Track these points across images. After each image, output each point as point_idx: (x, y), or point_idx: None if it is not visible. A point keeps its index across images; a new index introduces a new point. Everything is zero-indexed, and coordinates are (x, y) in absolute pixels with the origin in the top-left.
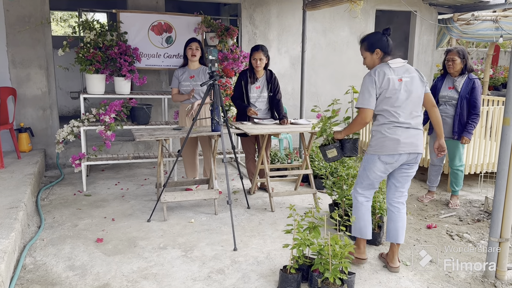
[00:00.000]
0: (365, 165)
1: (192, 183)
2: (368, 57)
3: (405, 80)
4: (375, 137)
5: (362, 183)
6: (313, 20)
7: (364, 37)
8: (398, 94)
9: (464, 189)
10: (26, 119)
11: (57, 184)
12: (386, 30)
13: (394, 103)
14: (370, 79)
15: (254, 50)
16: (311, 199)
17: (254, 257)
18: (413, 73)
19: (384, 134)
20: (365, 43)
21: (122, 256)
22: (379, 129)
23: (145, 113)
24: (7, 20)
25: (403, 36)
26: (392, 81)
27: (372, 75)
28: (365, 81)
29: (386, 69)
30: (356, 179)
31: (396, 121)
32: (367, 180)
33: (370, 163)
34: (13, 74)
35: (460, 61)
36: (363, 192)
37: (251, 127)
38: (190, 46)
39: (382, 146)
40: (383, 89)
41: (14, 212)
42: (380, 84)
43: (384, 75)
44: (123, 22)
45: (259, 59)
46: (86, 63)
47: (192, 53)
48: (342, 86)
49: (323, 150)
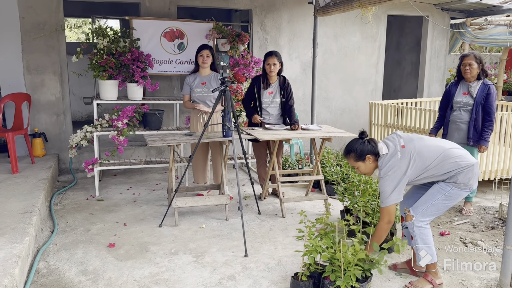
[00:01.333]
0: (449, 196)
1: (203, 188)
2: (362, 166)
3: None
4: (463, 173)
5: (436, 213)
6: (324, 25)
7: (347, 150)
8: (413, 159)
9: (478, 196)
10: (40, 124)
11: (70, 189)
12: (362, 133)
13: (421, 163)
14: (394, 171)
15: (268, 55)
16: (322, 205)
17: (265, 264)
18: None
19: (470, 168)
20: (352, 155)
21: (134, 261)
22: (460, 171)
23: (157, 118)
24: (23, 27)
25: (415, 41)
26: (402, 150)
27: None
28: (385, 180)
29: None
30: (426, 209)
31: (444, 171)
32: (444, 210)
33: (458, 197)
34: (28, 80)
35: (477, 66)
36: (428, 219)
37: (262, 133)
38: (201, 54)
39: (475, 177)
40: (408, 167)
41: (28, 217)
42: (402, 166)
43: (399, 155)
44: (136, 29)
45: (272, 64)
46: (99, 69)
47: (203, 61)
48: (353, 91)
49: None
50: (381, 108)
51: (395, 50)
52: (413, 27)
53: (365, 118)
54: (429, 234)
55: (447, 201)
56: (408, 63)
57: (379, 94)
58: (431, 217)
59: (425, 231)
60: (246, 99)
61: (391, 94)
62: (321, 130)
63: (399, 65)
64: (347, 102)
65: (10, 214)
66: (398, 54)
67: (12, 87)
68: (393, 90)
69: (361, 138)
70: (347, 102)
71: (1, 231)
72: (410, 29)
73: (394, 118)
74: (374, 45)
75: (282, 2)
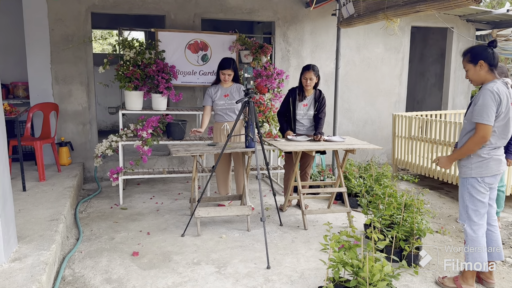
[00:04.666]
0: (470, 191)
1: (225, 198)
2: (471, 70)
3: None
4: (474, 159)
5: (478, 211)
6: (346, 37)
7: (467, 49)
8: (508, 118)
9: (505, 211)
10: (66, 133)
11: (95, 197)
12: (491, 42)
13: (503, 128)
14: (494, 97)
15: (305, 69)
16: (344, 217)
17: (287, 276)
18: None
19: (487, 155)
20: (468, 55)
21: (157, 270)
22: (480, 152)
23: (180, 128)
24: (52, 39)
25: (439, 53)
26: (509, 106)
27: (495, 94)
28: (487, 97)
29: (506, 90)
30: (464, 212)
31: (501, 145)
32: (482, 205)
33: (476, 187)
34: (55, 90)
35: None
36: (481, 221)
37: (284, 144)
38: (223, 72)
39: (487, 168)
40: (502, 112)
41: (55, 224)
42: (502, 107)
43: (506, 99)
44: (161, 41)
45: (309, 79)
46: (125, 80)
47: (225, 79)
48: (376, 102)
49: None
50: (405, 120)
51: (419, 61)
52: (437, 39)
53: (388, 130)
54: (481, 240)
55: (473, 196)
56: (432, 74)
57: (402, 106)
58: (480, 218)
59: (477, 238)
60: (282, 111)
61: (415, 106)
62: (345, 142)
63: (422, 76)
64: (370, 114)
65: (38, 221)
66: (421, 65)
67: (40, 97)
68: (417, 102)
69: (489, 44)
70: (369, 114)
71: (29, 238)
72: (434, 40)
73: (418, 130)
74: (398, 56)
75: (305, 14)
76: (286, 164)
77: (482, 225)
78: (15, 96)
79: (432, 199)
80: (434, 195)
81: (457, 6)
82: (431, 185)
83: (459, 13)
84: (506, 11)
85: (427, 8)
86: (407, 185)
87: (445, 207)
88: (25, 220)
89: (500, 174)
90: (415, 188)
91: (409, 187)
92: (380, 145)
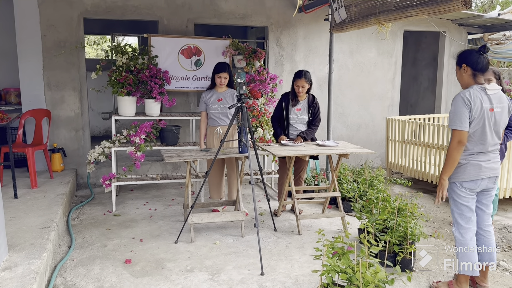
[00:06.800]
0: (452, 195)
1: (219, 204)
2: (457, 72)
3: (496, 111)
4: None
5: (463, 215)
6: (339, 41)
7: (458, 52)
8: (486, 124)
9: (499, 214)
10: (59, 139)
11: (88, 204)
12: (482, 47)
13: (480, 133)
14: (464, 102)
15: (297, 77)
16: (339, 222)
17: (281, 282)
18: (504, 103)
19: (464, 160)
20: (456, 58)
21: (150, 278)
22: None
23: (173, 134)
24: (44, 45)
25: (432, 56)
26: (485, 111)
27: (466, 101)
28: (458, 103)
29: (482, 96)
30: (452, 216)
31: (479, 150)
32: (466, 209)
33: (456, 191)
34: (48, 96)
35: (495, 82)
36: (468, 224)
37: (278, 149)
38: (219, 76)
39: (464, 173)
40: (474, 118)
41: (46, 232)
42: (473, 112)
43: (480, 104)
44: (154, 46)
45: (301, 86)
46: (118, 86)
47: (221, 82)
48: (369, 106)
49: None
50: (398, 124)
51: (412, 65)
52: (429, 43)
53: (381, 134)
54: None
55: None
56: (425, 78)
57: (395, 110)
58: (466, 222)
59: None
60: (276, 115)
61: (408, 109)
62: (338, 146)
63: (415, 80)
64: (363, 118)
65: (29, 229)
66: (414, 69)
67: (32, 103)
68: (410, 106)
69: (479, 50)
70: (363, 118)
71: (20, 246)
72: (427, 44)
73: (411, 134)
74: (391, 60)
75: (298, 19)
76: (280, 169)
77: (470, 229)
78: (7, 102)
79: (425, 203)
80: (427, 198)
81: (447, 11)
82: (425, 189)
83: (451, 17)
84: (497, 15)
85: (418, 13)
86: (401, 188)
87: (438, 211)
88: (16, 228)
89: (480, 179)
90: (408, 192)
91: (403, 190)
92: (374, 148)
